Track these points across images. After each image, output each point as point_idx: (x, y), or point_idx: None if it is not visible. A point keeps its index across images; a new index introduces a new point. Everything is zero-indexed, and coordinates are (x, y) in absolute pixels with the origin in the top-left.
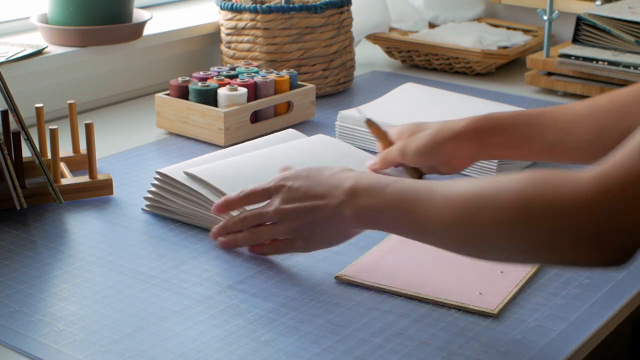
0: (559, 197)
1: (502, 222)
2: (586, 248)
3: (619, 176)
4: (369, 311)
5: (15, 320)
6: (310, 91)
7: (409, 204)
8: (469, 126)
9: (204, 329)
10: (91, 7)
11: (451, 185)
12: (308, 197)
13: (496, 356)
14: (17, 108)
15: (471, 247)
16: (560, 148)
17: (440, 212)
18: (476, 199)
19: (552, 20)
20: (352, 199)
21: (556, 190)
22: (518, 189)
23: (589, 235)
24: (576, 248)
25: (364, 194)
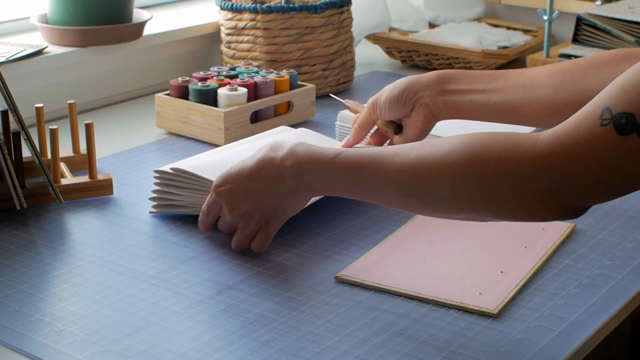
0: (517, 154)
1: (456, 183)
2: (542, 204)
3: (574, 138)
4: (369, 311)
5: (15, 320)
6: (310, 91)
7: (358, 174)
8: (433, 73)
9: (204, 329)
10: (91, 7)
11: (398, 149)
12: (251, 191)
13: (496, 356)
14: (17, 108)
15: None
16: (519, 101)
17: (390, 178)
18: (429, 162)
19: (552, 20)
20: (298, 179)
21: (514, 148)
22: (475, 146)
23: (545, 193)
24: (532, 204)
25: (308, 171)
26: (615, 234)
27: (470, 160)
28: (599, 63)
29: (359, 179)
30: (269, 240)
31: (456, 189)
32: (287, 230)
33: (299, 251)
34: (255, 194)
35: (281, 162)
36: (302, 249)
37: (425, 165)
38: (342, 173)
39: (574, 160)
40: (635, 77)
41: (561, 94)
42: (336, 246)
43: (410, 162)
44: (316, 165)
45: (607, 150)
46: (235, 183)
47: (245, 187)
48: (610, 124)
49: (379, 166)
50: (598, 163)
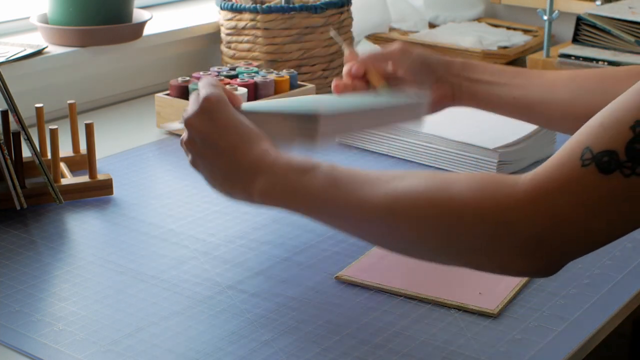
0: (493, 202)
1: (429, 225)
2: (519, 257)
3: (554, 181)
4: (369, 311)
5: (15, 320)
6: (310, 91)
7: (329, 192)
8: (459, 60)
9: (204, 329)
10: (91, 7)
11: (380, 177)
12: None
13: (496, 356)
14: (17, 108)
15: (392, 244)
16: (537, 100)
17: (363, 205)
18: (407, 199)
19: (552, 20)
20: (266, 173)
21: (492, 195)
22: (453, 191)
23: (522, 245)
24: (507, 257)
25: (281, 173)
26: None
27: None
28: (616, 77)
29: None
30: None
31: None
32: (288, 231)
33: (299, 251)
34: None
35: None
36: (302, 249)
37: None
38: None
39: (555, 206)
40: (614, 114)
41: (577, 100)
42: (336, 246)
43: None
44: (287, 168)
45: (590, 192)
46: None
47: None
48: (592, 163)
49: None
50: (581, 207)
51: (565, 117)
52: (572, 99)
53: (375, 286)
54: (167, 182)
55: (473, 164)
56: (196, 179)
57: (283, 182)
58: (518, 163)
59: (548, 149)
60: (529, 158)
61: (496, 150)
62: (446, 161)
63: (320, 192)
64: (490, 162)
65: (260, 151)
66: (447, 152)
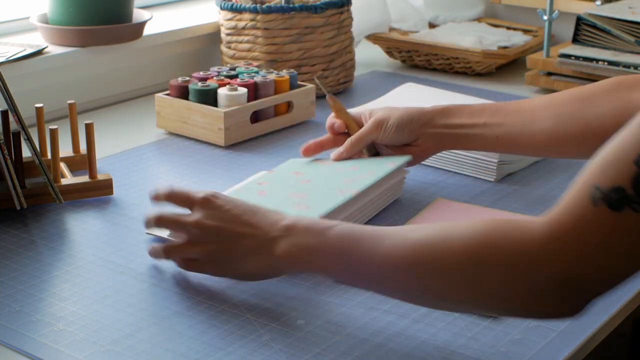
0: (511, 247)
1: (452, 273)
2: (540, 301)
3: (566, 223)
4: (369, 311)
5: (15, 320)
6: (310, 91)
7: (352, 248)
8: (437, 107)
9: (204, 329)
10: (91, 7)
11: (400, 231)
12: (236, 222)
13: (496, 356)
14: (17, 108)
15: (417, 296)
16: (520, 135)
17: (386, 259)
18: (427, 248)
19: (552, 20)
20: (288, 236)
21: (509, 240)
22: (470, 238)
23: (542, 289)
24: (529, 300)
25: (302, 233)
26: None
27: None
28: (593, 95)
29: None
30: (193, 271)
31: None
32: None
33: None
34: (234, 226)
35: (282, 218)
36: None
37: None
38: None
39: (572, 248)
40: (618, 149)
41: (559, 127)
42: None
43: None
44: (308, 233)
45: (604, 230)
46: (229, 205)
47: (234, 215)
48: (602, 202)
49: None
50: (597, 246)
51: (549, 145)
52: (553, 127)
53: None
54: (167, 182)
55: (473, 164)
56: (196, 179)
57: (306, 242)
58: (518, 163)
59: None
60: (528, 158)
61: None
62: (446, 161)
63: (344, 247)
64: (490, 162)
65: (277, 217)
66: (447, 152)
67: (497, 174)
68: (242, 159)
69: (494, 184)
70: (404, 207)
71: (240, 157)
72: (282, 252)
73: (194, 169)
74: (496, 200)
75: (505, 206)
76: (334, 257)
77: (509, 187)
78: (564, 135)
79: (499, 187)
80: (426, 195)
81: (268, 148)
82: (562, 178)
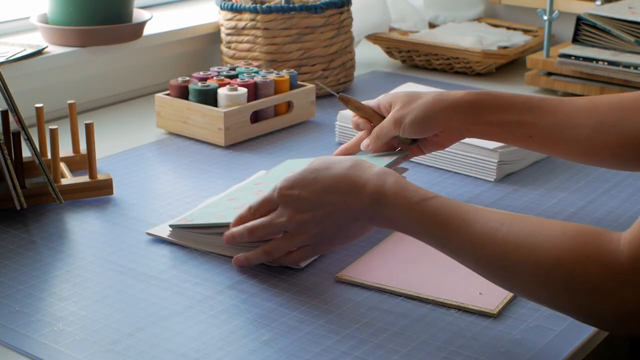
0: (598, 269)
1: (538, 279)
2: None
3: None
4: (369, 311)
5: (15, 320)
6: (310, 91)
7: (441, 230)
8: (465, 97)
9: (204, 329)
10: (91, 7)
11: (489, 218)
12: (322, 204)
13: (496, 356)
14: (17, 108)
15: (500, 283)
16: (556, 138)
17: (474, 247)
18: (515, 248)
19: (552, 20)
20: (376, 207)
21: (596, 261)
22: (559, 250)
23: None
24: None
25: (390, 205)
26: None
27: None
28: (635, 105)
29: (440, 234)
30: (307, 260)
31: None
32: None
33: None
34: (325, 208)
35: (365, 183)
36: None
37: (513, 250)
38: (425, 219)
39: None
40: None
41: (599, 137)
42: None
43: (498, 239)
44: (402, 202)
45: None
46: (306, 190)
47: (317, 197)
48: None
49: (465, 230)
50: None
51: (587, 154)
52: (592, 135)
53: (375, 286)
54: (167, 182)
55: (473, 164)
56: (196, 178)
57: (398, 216)
58: (518, 163)
59: None
60: (529, 158)
61: (496, 150)
62: (446, 161)
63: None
64: (490, 162)
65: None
66: (447, 152)
67: (497, 174)
68: (242, 159)
69: (494, 184)
70: None
71: (240, 157)
72: (378, 222)
73: (194, 169)
74: (496, 200)
75: (505, 206)
76: (423, 235)
77: (509, 187)
78: (603, 146)
79: (499, 187)
80: None
81: (268, 148)
82: (562, 178)
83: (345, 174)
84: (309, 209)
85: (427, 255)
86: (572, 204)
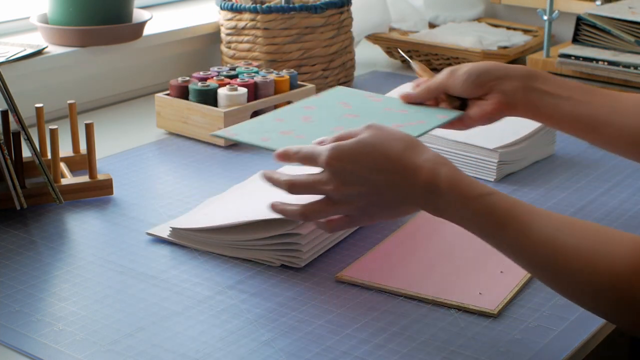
0: None
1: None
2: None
3: None
4: (369, 311)
5: (15, 320)
6: (310, 91)
7: (497, 229)
8: (522, 66)
9: (204, 329)
10: (91, 7)
11: (548, 222)
12: (371, 181)
13: (496, 356)
14: (17, 108)
15: (554, 288)
16: (606, 123)
17: (531, 251)
18: (574, 258)
19: (552, 20)
20: (429, 196)
21: None
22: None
23: None
24: None
25: (444, 196)
26: None
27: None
28: None
29: (496, 233)
30: (341, 229)
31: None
32: None
33: None
34: (374, 185)
35: (417, 169)
36: None
37: (572, 260)
38: (481, 217)
39: None
40: None
41: None
42: (336, 246)
43: (557, 246)
44: (458, 195)
45: None
46: (356, 165)
47: (366, 174)
48: None
49: (522, 232)
50: None
51: (633, 144)
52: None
53: (375, 286)
54: (167, 182)
55: (473, 164)
56: (196, 178)
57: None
58: (518, 163)
59: (548, 149)
60: (529, 158)
61: (496, 150)
62: None
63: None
64: (490, 162)
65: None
66: (448, 152)
67: (497, 174)
68: (242, 159)
69: (494, 184)
70: None
71: (240, 157)
72: (429, 209)
73: (194, 169)
74: None
75: None
76: (479, 232)
77: (509, 187)
78: None
79: (499, 187)
80: None
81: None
82: (562, 178)
83: (399, 155)
84: (357, 183)
85: (427, 255)
86: (572, 204)
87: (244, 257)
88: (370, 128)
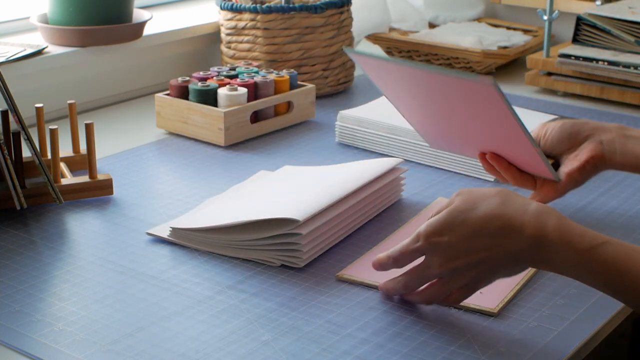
0: None
1: None
2: None
3: None
4: (369, 311)
5: (15, 320)
6: (310, 91)
7: (615, 279)
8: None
9: (204, 329)
10: (91, 7)
11: None
12: (475, 249)
13: (496, 356)
14: (17, 108)
15: None
16: None
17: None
18: None
19: (552, 20)
20: (537, 251)
21: None
22: None
23: None
24: None
25: (555, 250)
26: (615, 234)
27: None
28: None
29: (615, 283)
30: (463, 300)
31: None
32: None
33: None
34: (479, 253)
35: (523, 225)
36: None
37: None
38: (596, 271)
39: None
40: None
41: None
42: (336, 246)
43: None
44: (567, 250)
45: None
46: (455, 235)
47: (469, 243)
48: None
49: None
50: None
51: None
52: None
53: (376, 286)
54: (167, 182)
55: (473, 164)
56: (196, 178)
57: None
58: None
59: None
60: None
61: None
62: (446, 161)
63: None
64: None
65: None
66: (448, 152)
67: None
68: (242, 159)
69: (494, 184)
70: (404, 207)
71: (240, 157)
72: (539, 264)
73: (194, 169)
74: None
75: None
76: (598, 281)
77: (508, 187)
78: None
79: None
80: (426, 195)
81: (268, 148)
82: None
83: (497, 213)
84: (462, 255)
85: None
86: (572, 204)
87: (244, 257)
88: (459, 194)
